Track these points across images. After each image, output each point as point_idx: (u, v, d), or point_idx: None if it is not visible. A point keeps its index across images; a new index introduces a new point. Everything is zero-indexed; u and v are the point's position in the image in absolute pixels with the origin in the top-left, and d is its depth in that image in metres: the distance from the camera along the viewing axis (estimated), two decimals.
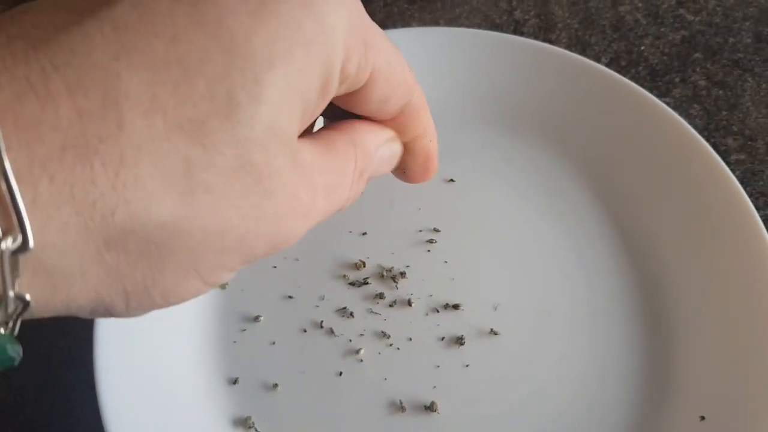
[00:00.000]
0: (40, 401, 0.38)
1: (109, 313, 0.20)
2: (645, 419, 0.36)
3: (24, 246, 0.17)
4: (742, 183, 0.39)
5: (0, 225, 0.17)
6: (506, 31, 0.51)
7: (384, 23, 0.51)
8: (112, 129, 0.18)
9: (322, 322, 0.39)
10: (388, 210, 0.42)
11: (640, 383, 0.37)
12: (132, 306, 0.20)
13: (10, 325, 0.19)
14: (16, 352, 0.19)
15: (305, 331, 0.39)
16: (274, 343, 0.38)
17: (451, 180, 0.43)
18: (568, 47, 0.50)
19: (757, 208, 0.38)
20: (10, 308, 0.18)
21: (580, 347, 0.38)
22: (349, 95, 0.24)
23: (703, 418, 0.35)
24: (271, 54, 0.20)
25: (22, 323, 0.19)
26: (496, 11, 0.52)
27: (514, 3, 0.52)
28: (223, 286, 0.40)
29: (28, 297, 0.18)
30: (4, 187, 0.16)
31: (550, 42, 0.50)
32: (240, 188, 0.20)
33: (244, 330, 0.39)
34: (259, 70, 0.19)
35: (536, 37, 0.50)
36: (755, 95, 0.48)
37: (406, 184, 0.42)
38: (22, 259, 0.17)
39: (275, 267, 0.40)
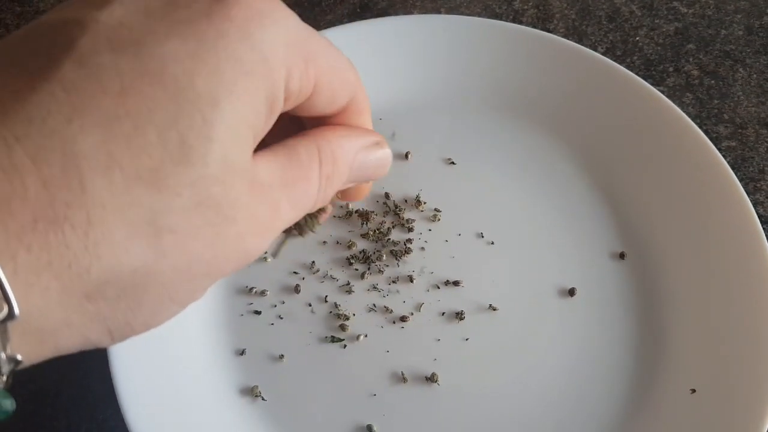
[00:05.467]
0: (50, 371, 0.39)
1: (96, 347, 0.22)
2: (638, 392, 0.37)
3: (10, 315, 0.18)
4: (732, 168, 0.41)
5: None
6: (506, 21, 0.52)
7: (386, 11, 0.53)
8: (76, 193, 0.19)
9: (326, 296, 0.40)
10: (391, 191, 0.43)
11: (634, 357, 0.38)
12: (116, 338, 0.22)
13: (3, 379, 0.20)
14: (10, 404, 0.20)
15: (310, 305, 0.40)
16: (280, 316, 0.39)
17: (452, 162, 0.44)
18: (566, 37, 0.51)
19: (747, 193, 0.40)
20: (4, 369, 0.19)
21: (575, 323, 0.39)
22: (297, 106, 0.25)
23: (693, 390, 0.36)
24: (215, 92, 0.20)
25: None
26: (495, 1, 0.53)
27: None
28: None
29: (19, 357, 0.19)
30: None
31: (548, 31, 0.51)
32: (201, 222, 0.21)
33: (251, 304, 0.40)
34: (206, 111, 0.20)
35: (534, 27, 0.51)
36: (746, 85, 0.50)
37: (407, 164, 0.44)
38: (10, 325, 0.18)
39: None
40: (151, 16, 0.21)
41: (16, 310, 0.18)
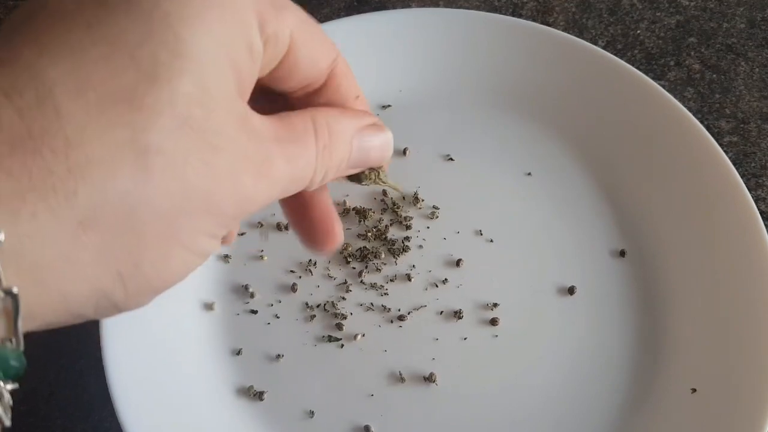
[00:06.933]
0: (46, 370, 0.39)
1: (112, 304, 0.21)
2: (638, 392, 0.37)
3: None
4: (734, 164, 0.40)
5: None
6: (505, 14, 0.51)
7: (384, 5, 0.52)
8: (51, 118, 0.19)
9: (323, 295, 0.39)
10: (388, 188, 0.42)
11: (634, 357, 0.38)
12: (131, 291, 0.21)
13: (14, 340, 0.19)
14: (19, 362, 0.20)
15: (307, 304, 0.39)
16: (276, 315, 0.39)
17: (450, 158, 0.43)
18: (566, 30, 0.50)
19: (749, 189, 0.39)
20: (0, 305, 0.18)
21: (575, 322, 0.39)
22: (282, 66, 0.25)
23: (694, 390, 0.36)
24: (184, 13, 0.20)
25: None
26: None
27: None
28: (226, 260, 0.40)
29: (15, 290, 0.18)
30: None
31: (548, 25, 0.51)
32: (188, 145, 0.20)
33: (247, 303, 0.39)
34: (176, 27, 0.20)
35: (534, 20, 0.51)
36: (748, 79, 0.49)
37: (404, 161, 0.43)
38: (0, 256, 0.18)
39: (278, 240, 0.41)
40: None
41: (1, 235, 0.17)
